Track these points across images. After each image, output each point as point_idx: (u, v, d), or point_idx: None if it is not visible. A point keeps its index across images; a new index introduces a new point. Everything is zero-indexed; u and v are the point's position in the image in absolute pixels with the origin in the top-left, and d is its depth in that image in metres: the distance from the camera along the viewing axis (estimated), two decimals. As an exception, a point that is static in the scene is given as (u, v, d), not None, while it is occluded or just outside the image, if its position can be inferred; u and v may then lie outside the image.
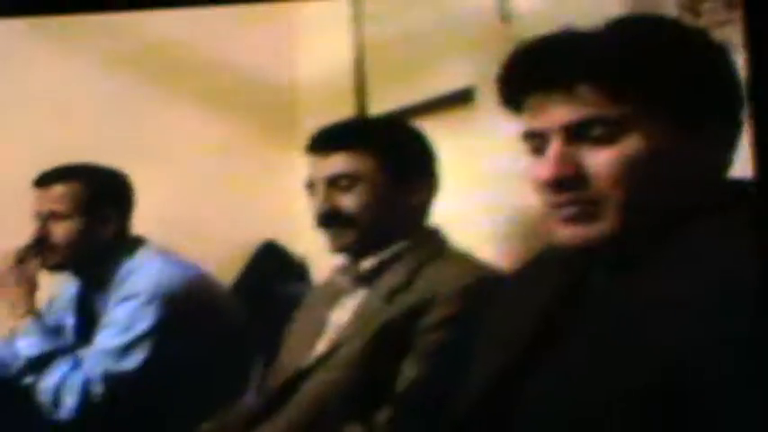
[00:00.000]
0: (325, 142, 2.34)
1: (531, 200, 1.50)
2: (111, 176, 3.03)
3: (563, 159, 1.40)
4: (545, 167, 1.42)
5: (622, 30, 1.46)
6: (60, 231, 2.91)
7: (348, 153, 2.29)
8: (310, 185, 2.35)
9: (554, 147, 1.41)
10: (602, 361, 1.33)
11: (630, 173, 1.38)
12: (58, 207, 2.91)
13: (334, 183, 2.29)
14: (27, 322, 2.82)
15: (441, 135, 2.42)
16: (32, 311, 2.86)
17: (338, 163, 2.29)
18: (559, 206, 1.42)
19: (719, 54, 1.47)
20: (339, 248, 2.34)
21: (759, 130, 1.42)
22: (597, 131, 1.39)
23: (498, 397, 1.49)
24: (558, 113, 1.41)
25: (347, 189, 2.28)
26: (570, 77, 1.39)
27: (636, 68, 1.39)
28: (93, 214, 2.93)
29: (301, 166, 2.44)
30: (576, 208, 1.41)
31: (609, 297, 1.43)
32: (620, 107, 1.38)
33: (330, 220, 2.29)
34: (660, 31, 1.46)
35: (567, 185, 1.40)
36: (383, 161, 2.30)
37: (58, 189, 2.93)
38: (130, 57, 3.80)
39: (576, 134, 1.40)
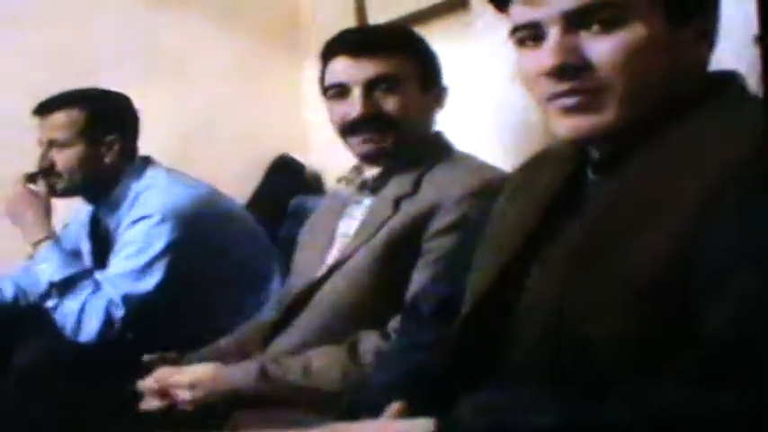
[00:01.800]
0: (363, 44, 2.29)
1: (529, 100, 1.49)
2: (111, 100, 3.04)
3: (566, 47, 1.39)
4: (546, 56, 1.40)
5: None
6: (63, 159, 2.94)
7: (390, 55, 2.25)
8: (337, 88, 2.28)
9: (554, 35, 1.40)
10: (598, 256, 1.34)
11: (634, 60, 1.37)
12: (59, 135, 2.94)
13: (374, 85, 2.24)
14: (46, 246, 2.85)
15: (438, 42, 2.41)
16: (50, 236, 2.89)
17: (381, 64, 2.24)
18: (560, 96, 1.41)
19: None
20: (373, 153, 2.27)
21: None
22: (600, 17, 1.37)
23: (500, 295, 1.51)
24: (558, 1, 1.39)
25: (390, 91, 2.24)
26: None
27: None
28: (94, 139, 2.95)
29: (311, 81, 2.39)
30: (578, 97, 1.40)
31: (603, 194, 1.43)
32: None
33: (369, 123, 2.24)
34: None
35: (570, 74, 1.39)
36: (418, 66, 2.29)
37: (58, 117, 2.95)
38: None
39: (577, 22, 1.39)
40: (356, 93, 2.24)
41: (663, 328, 1.25)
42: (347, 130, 2.27)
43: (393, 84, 2.24)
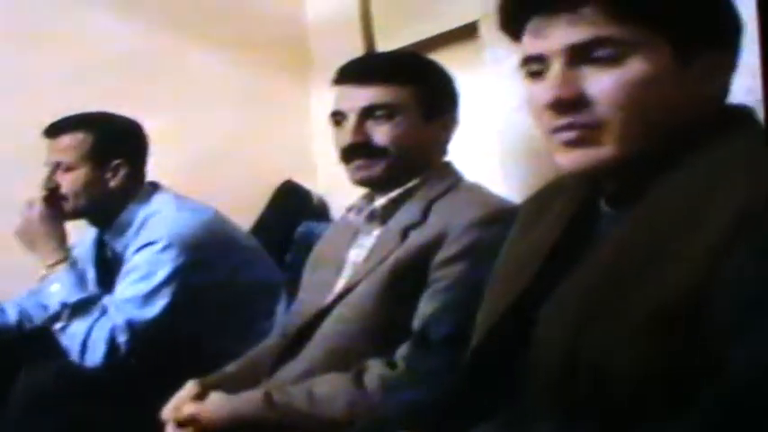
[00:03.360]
0: (362, 73, 2.30)
1: (535, 129, 1.49)
2: (119, 124, 3.05)
3: (565, 81, 1.40)
4: (546, 90, 1.41)
5: None
6: (67, 181, 2.95)
7: (387, 84, 2.26)
8: (337, 116, 2.31)
9: (556, 69, 1.41)
10: (614, 292, 1.33)
11: (633, 96, 1.37)
12: (64, 157, 2.95)
13: (369, 113, 2.26)
14: (62, 269, 2.85)
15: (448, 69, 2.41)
16: (66, 257, 2.89)
17: (377, 93, 2.25)
18: (560, 130, 1.42)
19: None
20: (365, 180, 2.30)
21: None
22: (601, 53, 1.38)
23: (512, 328, 1.50)
24: (562, 35, 1.40)
25: (383, 120, 2.25)
26: None
27: None
28: (99, 163, 2.96)
29: (318, 107, 2.40)
30: (577, 131, 1.40)
31: (618, 227, 1.43)
32: (624, 29, 1.37)
33: (361, 150, 2.26)
34: None
35: (569, 108, 1.40)
36: (420, 95, 2.28)
37: (64, 140, 2.96)
38: (147, 2, 3.81)
39: (579, 56, 1.40)
40: (351, 119, 2.26)
41: (682, 364, 1.24)
42: (342, 156, 2.30)
43: (389, 112, 2.25)
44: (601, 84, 1.38)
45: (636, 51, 1.37)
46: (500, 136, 2.67)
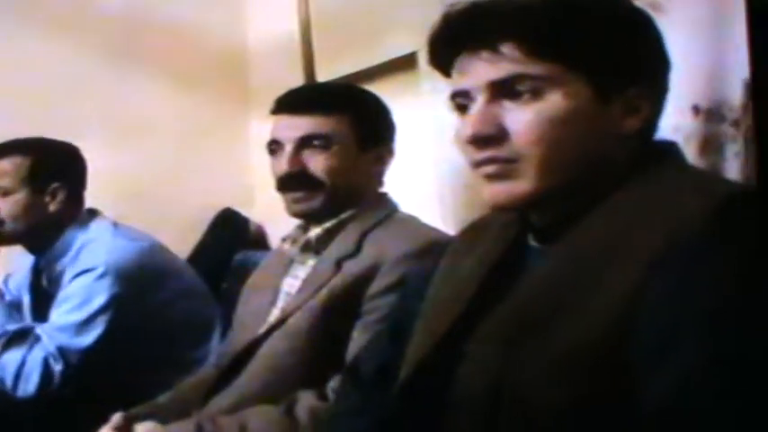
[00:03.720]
0: (299, 103, 2.31)
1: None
2: (55, 148, 3.03)
3: (485, 117, 1.43)
4: (468, 125, 1.44)
5: None
6: (6, 205, 2.92)
7: (323, 114, 2.26)
8: (273, 145, 2.31)
9: (478, 104, 1.44)
10: (537, 328, 1.35)
11: (550, 132, 1.40)
12: (2, 182, 2.92)
13: (306, 143, 2.26)
14: None
15: (385, 100, 2.43)
16: None
17: (313, 123, 2.26)
18: (482, 164, 1.45)
19: (645, 21, 1.49)
20: (301, 212, 2.31)
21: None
22: (519, 89, 1.41)
23: (439, 363, 1.51)
24: (484, 72, 1.43)
25: (320, 150, 2.25)
26: (495, 36, 1.42)
27: (558, 28, 1.41)
28: (37, 187, 2.94)
29: (258, 135, 2.40)
30: (496, 166, 1.43)
31: (543, 263, 1.44)
32: (543, 66, 1.40)
33: (296, 181, 2.26)
34: None
35: (488, 143, 1.43)
36: (355, 125, 2.29)
37: (1, 164, 2.93)
38: (87, 28, 3.80)
39: (500, 92, 1.42)
40: (288, 149, 2.26)
41: (603, 400, 1.25)
42: (278, 185, 2.30)
43: (325, 142, 2.25)
44: (519, 119, 1.41)
45: (554, 88, 1.40)
46: (437, 167, 2.68)
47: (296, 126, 2.27)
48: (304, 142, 2.26)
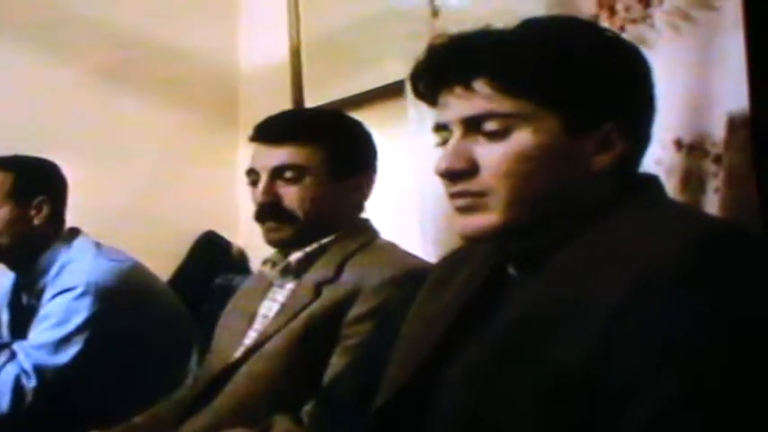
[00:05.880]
0: (273, 132, 2.30)
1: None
2: (37, 163, 3.02)
3: (457, 152, 1.46)
4: (442, 159, 1.47)
5: (527, 29, 1.50)
6: None
7: (297, 144, 2.26)
8: (251, 174, 2.31)
9: (454, 138, 1.47)
10: (513, 359, 1.35)
11: (517, 167, 1.43)
12: None
13: (279, 174, 2.26)
14: None
15: (373, 127, 2.43)
16: None
17: (285, 154, 2.26)
18: (455, 196, 1.48)
19: (627, 57, 1.50)
20: (275, 242, 2.31)
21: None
22: (490, 126, 1.44)
23: (416, 390, 1.51)
24: (458, 107, 1.47)
25: (292, 181, 2.25)
26: (468, 73, 1.45)
27: (528, 65, 1.43)
28: (22, 200, 2.93)
29: (243, 159, 2.40)
30: (467, 199, 1.46)
31: (520, 294, 1.45)
32: (513, 102, 1.42)
33: (270, 213, 2.26)
34: (563, 33, 1.50)
35: (460, 177, 1.46)
36: (330, 155, 2.28)
37: None
38: (75, 47, 3.79)
39: (474, 128, 1.45)
40: (263, 179, 2.27)
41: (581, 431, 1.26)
42: (255, 215, 2.30)
43: (297, 174, 2.25)
44: (489, 155, 1.44)
45: (524, 124, 1.42)
46: (420, 195, 2.68)
47: (270, 155, 2.28)
48: (278, 172, 2.26)
